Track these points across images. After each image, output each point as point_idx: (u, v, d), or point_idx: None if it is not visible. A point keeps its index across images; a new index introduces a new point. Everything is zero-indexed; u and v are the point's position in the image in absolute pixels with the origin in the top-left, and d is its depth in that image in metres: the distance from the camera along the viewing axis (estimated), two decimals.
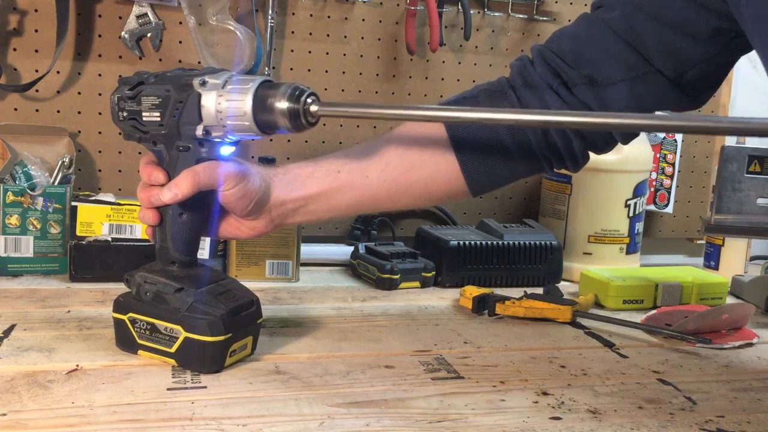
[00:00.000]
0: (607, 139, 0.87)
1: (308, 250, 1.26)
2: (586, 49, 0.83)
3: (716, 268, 1.36)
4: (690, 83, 0.83)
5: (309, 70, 1.32)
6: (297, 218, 0.84)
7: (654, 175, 1.47)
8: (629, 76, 0.81)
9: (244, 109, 0.71)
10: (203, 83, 0.73)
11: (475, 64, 1.40)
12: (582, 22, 0.86)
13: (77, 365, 0.76)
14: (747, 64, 1.47)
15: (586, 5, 1.44)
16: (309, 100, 0.71)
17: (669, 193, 1.49)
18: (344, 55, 1.33)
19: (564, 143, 0.85)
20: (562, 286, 1.20)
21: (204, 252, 1.11)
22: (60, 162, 1.15)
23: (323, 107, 0.72)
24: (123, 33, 1.21)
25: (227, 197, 0.77)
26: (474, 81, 1.41)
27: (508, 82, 0.87)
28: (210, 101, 0.73)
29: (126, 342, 0.79)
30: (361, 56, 1.34)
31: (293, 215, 0.84)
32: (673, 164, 1.48)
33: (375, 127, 1.37)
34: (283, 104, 0.70)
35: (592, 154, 0.89)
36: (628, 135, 0.89)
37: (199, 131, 0.74)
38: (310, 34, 1.31)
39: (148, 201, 0.78)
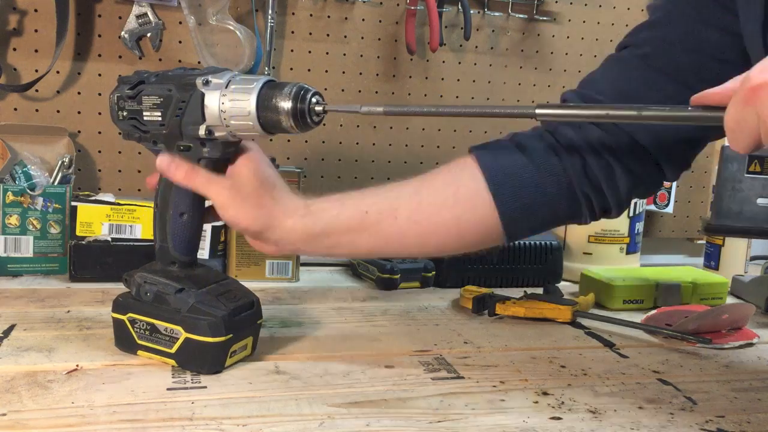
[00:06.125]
0: (653, 175, 0.81)
1: None
2: (624, 83, 0.80)
3: (716, 268, 1.36)
4: None
5: (309, 70, 1.32)
6: (307, 252, 0.83)
7: None
8: (672, 103, 0.78)
9: (248, 109, 0.71)
10: (206, 83, 0.73)
11: (475, 64, 1.40)
12: (612, 63, 0.83)
13: (77, 365, 0.76)
14: None
15: (586, 5, 1.45)
16: (314, 100, 0.71)
17: (669, 193, 1.49)
18: (344, 55, 1.33)
19: (605, 174, 0.79)
20: (562, 286, 1.20)
21: (204, 252, 1.11)
22: (60, 162, 1.15)
23: (328, 106, 0.72)
24: (123, 33, 1.21)
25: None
26: (474, 81, 1.41)
27: (544, 126, 0.82)
28: (213, 101, 0.73)
29: (125, 342, 0.79)
30: (361, 56, 1.34)
31: (307, 245, 0.79)
32: None
33: (375, 126, 1.37)
34: (287, 104, 0.70)
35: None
36: (680, 167, 0.82)
37: (202, 131, 0.74)
38: (310, 34, 1.31)
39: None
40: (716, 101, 0.59)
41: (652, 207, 1.48)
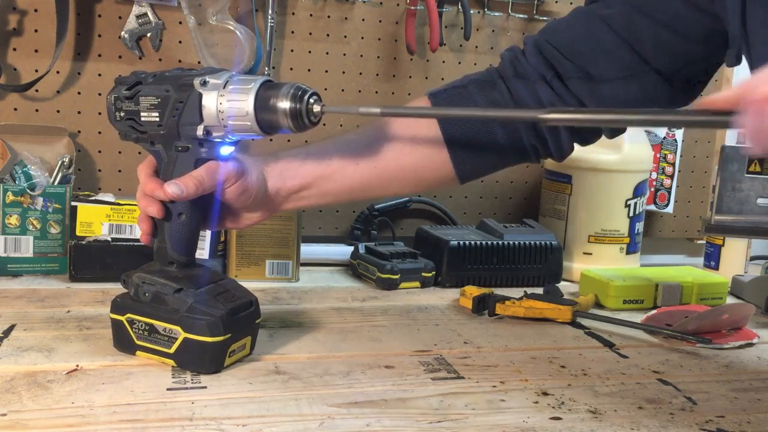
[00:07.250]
0: (593, 132, 0.89)
1: (308, 250, 1.26)
2: (583, 43, 0.84)
3: (716, 268, 1.36)
4: (683, 81, 0.85)
5: (309, 70, 1.32)
6: (289, 205, 0.86)
7: (654, 175, 1.46)
8: (625, 74, 0.83)
9: (246, 109, 0.71)
10: (204, 83, 0.73)
11: (475, 64, 1.40)
12: (578, 16, 0.87)
13: (77, 365, 0.76)
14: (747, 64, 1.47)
15: None
16: (311, 100, 0.72)
17: (669, 193, 1.49)
18: (344, 55, 1.33)
19: (552, 135, 0.86)
20: (562, 286, 1.20)
21: (203, 252, 1.11)
22: (60, 162, 1.15)
23: (325, 107, 0.72)
24: (123, 33, 1.21)
25: (228, 194, 0.78)
26: None
27: (498, 72, 0.88)
28: (211, 101, 0.73)
29: (124, 343, 0.79)
30: (361, 56, 1.34)
31: (285, 202, 0.85)
32: (673, 164, 1.48)
33: None
34: (285, 104, 0.71)
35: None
36: (615, 130, 0.90)
37: (200, 131, 0.74)
38: (310, 34, 1.31)
39: (146, 210, 0.78)
40: (723, 108, 0.60)
41: (652, 207, 1.48)
